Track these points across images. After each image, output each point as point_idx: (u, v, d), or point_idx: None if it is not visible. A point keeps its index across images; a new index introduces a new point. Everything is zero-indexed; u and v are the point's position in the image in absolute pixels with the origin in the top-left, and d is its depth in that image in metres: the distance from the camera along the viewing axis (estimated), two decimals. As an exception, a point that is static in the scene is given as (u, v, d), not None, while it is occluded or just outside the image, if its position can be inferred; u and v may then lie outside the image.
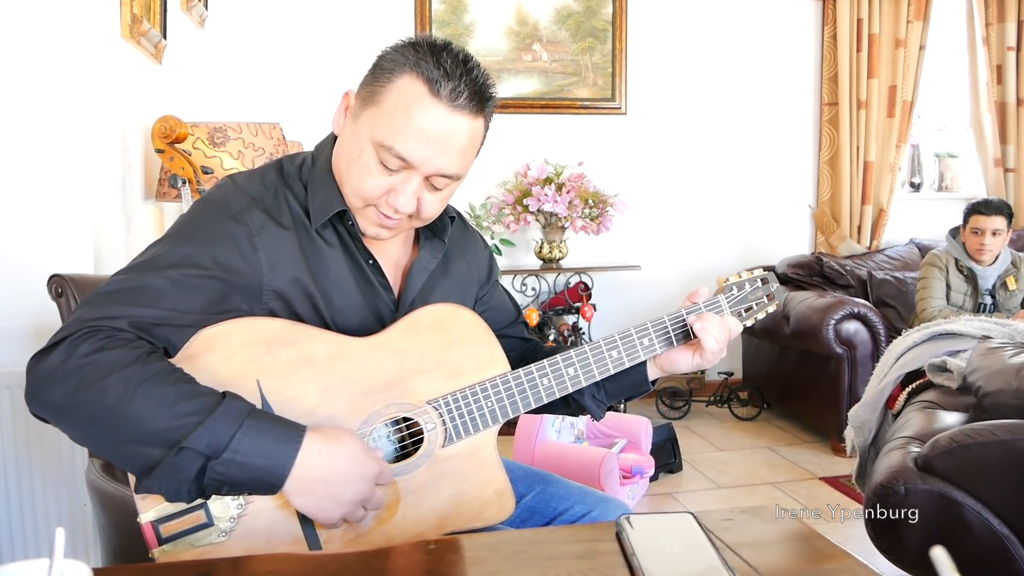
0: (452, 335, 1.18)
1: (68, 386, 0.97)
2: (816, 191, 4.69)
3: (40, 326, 1.94)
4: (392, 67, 1.11)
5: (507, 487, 1.19)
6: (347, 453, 1.04)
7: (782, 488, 3.22)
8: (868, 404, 2.60)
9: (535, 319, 3.98)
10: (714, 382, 4.41)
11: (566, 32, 4.31)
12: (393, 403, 1.14)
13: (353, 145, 1.15)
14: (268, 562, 0.87)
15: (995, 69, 4.66)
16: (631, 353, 1.24)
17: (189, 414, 0.97)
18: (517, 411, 1.19)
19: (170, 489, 0.99)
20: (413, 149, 1.10)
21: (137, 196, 2.48)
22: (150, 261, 1.09)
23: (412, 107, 1.09)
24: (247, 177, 1.21)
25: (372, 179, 1.13)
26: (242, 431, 0.98)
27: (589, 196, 3.94)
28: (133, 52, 2.45)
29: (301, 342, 1.10)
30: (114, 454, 1.01)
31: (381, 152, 1.11)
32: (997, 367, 2.03)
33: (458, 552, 0.89)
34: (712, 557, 0.81)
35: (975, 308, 3.56)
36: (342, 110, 1.20)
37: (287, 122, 3.04)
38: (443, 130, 1.10)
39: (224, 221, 1.13)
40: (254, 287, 1.12)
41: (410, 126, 1.09)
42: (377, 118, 1.11)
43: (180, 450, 0.96)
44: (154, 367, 1.00)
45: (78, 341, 0.99)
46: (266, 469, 0.99)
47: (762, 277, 1.35)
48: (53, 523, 1.95)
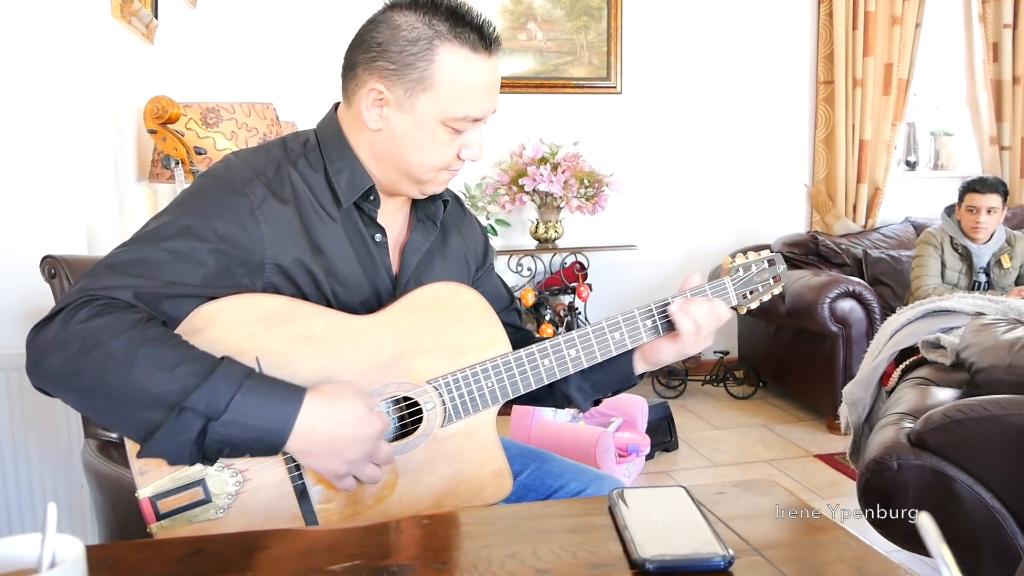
0: (453, 314, 1.17)
1: (68, 353, 0.97)
2: (812, 170, 4.68)
3: (34, 307, 1.93)
4: (423, 46, 1.13)
5: (505, 467, 1.19)
6: (350, 411, 1.04)
7: (777, 465, 3.24)
8: (862, 381, 2.61)
9: (531, 299, 3.98)
10: (710, 361, 4.43)
11: (560, 11, 4.28)
12: (393, 382, 1.13)
13: (420, 131, 1.16)
14: (262, 538, 0.87)
15: (991, 47, 4.65)
16: (634, 335, 1.23)
17: (189, 375, 0.97)
18: (517, 392, 1.19)
19: (171, 452, 0.99)
20: (483, 107, 1.17)
21: (130, 177, 2.47)
22: (152, 233, 1.09)
23: (467, 74, 1.14)
24: (250, 152, 1.21)
25: (448, 149, 1.18)
26: (242, 391, 0.98)
27: (584, 176, 3.94)
28: (124, 32, 2.43)
29: (300, 319, 1.09)
30: (115, 419, 1.01)
31: (453, 123, 1.16)
32: (990, 343, 2.04)
33: (452, 526, 0.89)
34: (704, 530, 0.82)
35: (970, 286, 3.57)
36: (372, 105, 1.17)
37: (280, 102, 3.02)
38: (494, 76, 1.18)
39: (226, 194, 1.12)
40: (255, 260, 1.12)
41: (474, 89, 1.15)
42: (438, 99, 1.14)
43: (180, 411, 0.97)
44: (153, 331, 1.00)
45: (76, 309, 0.99)
46: (267, 429, 1.00)
47: (769, 259, 1.32)
48: (49, 503, 1.96)
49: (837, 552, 0.81)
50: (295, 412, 1.01)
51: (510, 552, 0.80)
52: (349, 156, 1.20)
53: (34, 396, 1.92)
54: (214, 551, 0.82)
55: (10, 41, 1.90)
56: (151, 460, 1.02)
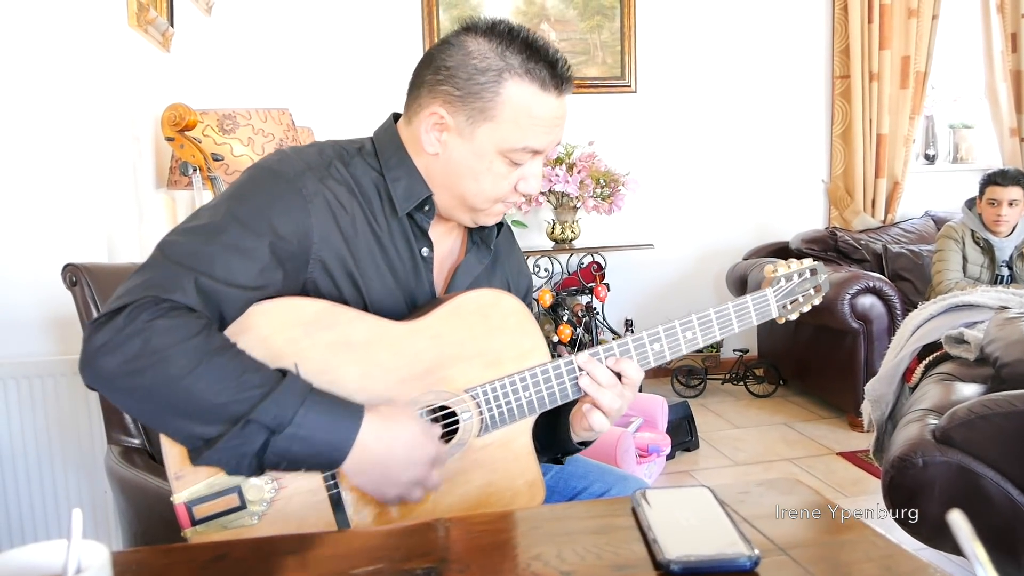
0: (494, 321, 1.15)
1: (126, 355, 0.96)
2: (829, 165, 4.65)
3: (56, 315, 1.95)
4: (491, 77, 1.11)
5: (538, 478, 1.17)
6: (405, 435, 1.03)
7: (799, 464, 3.21)
8: (885, 378, 2.59)
9: (548, 300, 3.97)
10: (730, 359, 4.40)
11: (574, 11, 4.28)
12: (431, 391, 1.12)
13: (477, 161, 1.15)
14: (286, 543, 0.87)
15: (1010, 37, 4.59)
16: (673, 345, 1.21)
17: (255, 387, 0.97)
18: (555, 402, 1.17)
19: (230, 463, 0.98)
20: (543, 140, 1.15)
21: (149, 184, 2.49)
22: (207, 226, 1.07)
23: (532, 109, 1.12)
24: (304, 148, 1.19)
25: (505, 181, 1.16)
26: (305, 406, 0.98)
27: (600, 175, 3.93)
28: (141, 40, 2.45)
29: (340, 325, 1.08)
30: (169, 426, 1.00)
31: (512, 155, 1.14)
32: (1015, 337, 2.01)
33: (475, 529, 0.89)
34: (729, 529, 0.81)
35: (992, 280, 3.53)
36: (431, 128, 1.15)
37: (296, 108, 3.03)
38: (558, 114, 1.17)
39: (280, 185, 1.10)
40: (304, 254, 1.10)
41: (535, 124, 1.13)
42: (499, 130, 1.13)
43: (246, 423, 0.96)
44: (217, 340, 0.99)
45: (140, 308, 0.97)
46: (329, 443, 0.99)
47: (811, 268, 1.29)
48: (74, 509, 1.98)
49: (865, 551, 0.80)
50: (355, 429, 1.00)
51: (534, 554, 0.79)
52: (408, 165, 1.19)
53: (57, 402, 1.94)
54: (238, 556, 0.82)
55: (28, 51, 1.92)
56: (187, 465, 1.01)
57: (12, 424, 1.94)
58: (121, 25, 2.29)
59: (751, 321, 1.25)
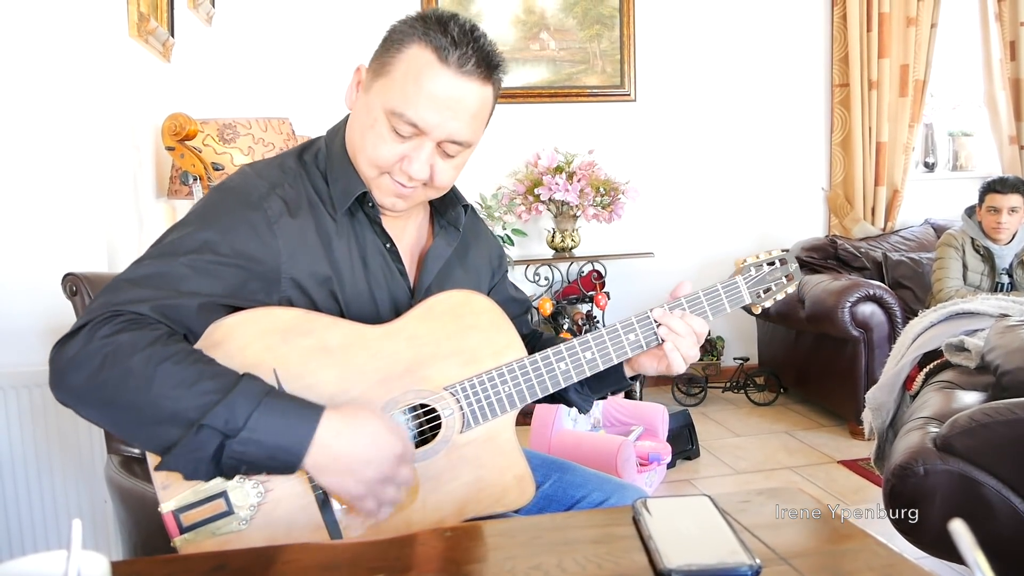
0: (467, 320, 1.18)
1: (90, 369, 0.98)
2: (829, 173, 4.65)
3: (55, 325, 1.95)
4: (401, 38, 1.14)
5: (526, 472, 1.19)
6: (367, 431, 1.03)
7: (800, 472, 3.21)
8: (885, 386, 2.59)
9: (549, 308, 3.97)
10: (730, 368, 4.40)
11: (573, 20, 4.29)
12: (411, 390, 1.14)
13: (366, 115, 1.17)
14: (284, 552, 0.87)
15: (1008, 45, 4.60)
16: (648, 335, 1.24)
17: (208, 392, 0.98)
18: (535, 396, 1.19)
19: (188, 468, 0.99)
20: (424, 115, 1.12)
21: (149, 194, 2.49)
22: (170, 246, 1.10)
23: (422, 74, 1.11)
24: (265, 164, 1.22)
25: (385, 146, 1.15)
26: (260, 410, 0.98)
27: (600, 184, 3.93)
28: (141, 50, 2.46)
29: (317, 331, 1.10)
30: (135, 435, 1.01)
31: (393, 119, 1.13)
32: (1016, 345, 2.01)
33: (475, 538, 0.88)
34: (730, 539, 0.81)
35: (992, 287, 3.53)
36: (354, 85, 1.21)
37: (296, 116, 3.03)
38: (453, 96, 1.13)
39: (242, 208, 1.13)
40: (272, 275, 1.13)
41: (420, 92, 1.11)
42: (388, 87, 1.13)
43: (199, 428, 0.97)
44: (174, 347, 1.00)
45: (98, 325, 1.00)
46: (283, 447, 0.99)
47: (780, 258, 1.34)
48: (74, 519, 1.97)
49: (866, 560, 0.80)
50: (312, 430, 1.00)
51: (534, 564, 0.79)
52: (346, 163, 1.21)
53: (57, 412, 1.93)
54: (237, 566, 0.82)
55: (29, 61, 1.92)
56: (174, 474, 1.02)
57: (12, 433, 1.94)
58: (122, 35, 2.30)
59: (724, 308, 1.29)
